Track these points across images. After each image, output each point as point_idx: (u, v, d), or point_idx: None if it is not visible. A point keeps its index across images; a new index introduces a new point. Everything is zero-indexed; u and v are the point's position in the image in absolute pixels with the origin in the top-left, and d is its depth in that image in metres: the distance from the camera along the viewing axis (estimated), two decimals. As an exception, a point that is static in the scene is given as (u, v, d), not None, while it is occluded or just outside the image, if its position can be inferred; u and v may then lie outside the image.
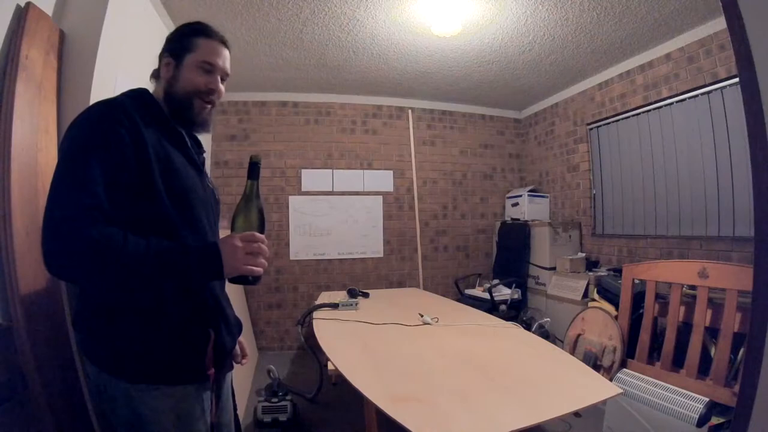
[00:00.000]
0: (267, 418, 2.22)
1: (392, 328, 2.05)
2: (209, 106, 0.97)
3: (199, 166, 1.00)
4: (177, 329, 0.86)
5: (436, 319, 2.15)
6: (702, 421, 1.80)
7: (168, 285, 0.83)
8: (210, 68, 0.95)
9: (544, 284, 3.52)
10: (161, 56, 0.96)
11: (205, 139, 3.80)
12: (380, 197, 4.10)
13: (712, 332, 2.14)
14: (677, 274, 2.28)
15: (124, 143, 0.80)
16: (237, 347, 1.13)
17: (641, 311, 2.48)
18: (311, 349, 2.89)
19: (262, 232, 0.88)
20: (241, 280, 0.85)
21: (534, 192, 4.10)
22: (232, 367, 1.10)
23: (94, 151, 0.78)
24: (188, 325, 0.88)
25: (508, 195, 4.35)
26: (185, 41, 0.94)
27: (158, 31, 2.36)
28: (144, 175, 0.82)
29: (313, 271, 3.92)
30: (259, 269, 0.84)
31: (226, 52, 0.99)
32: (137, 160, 0.82)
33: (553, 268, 3.48)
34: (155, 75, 0.98)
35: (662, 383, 2.05)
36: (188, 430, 0.89)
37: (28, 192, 1.26)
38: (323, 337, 1.91)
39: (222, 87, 0.99)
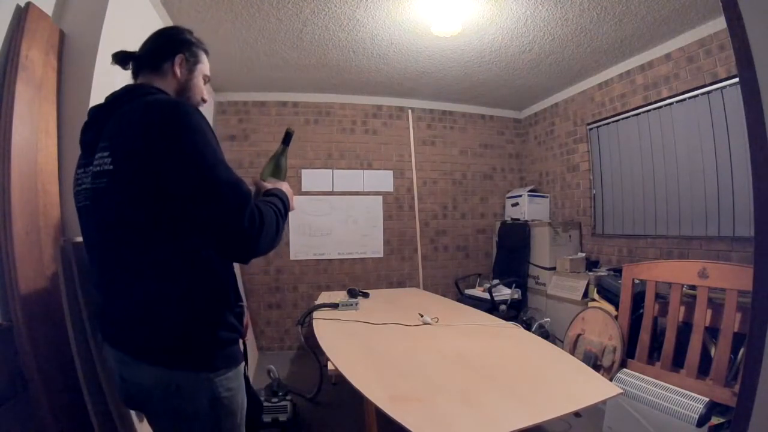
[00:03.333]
0: (267, 418, 2.22)
1: (392, 328, 2.05)
2: None
3: None
4: (232, 306, 0.92)
5: (436, 319, 2.15)
6: (702, 421, 1.80)
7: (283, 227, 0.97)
8: (206, 80, 1.08)
9: (544, 284, 3.52)
10: (170, 52, 0.98)
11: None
12: (380, 197, 4.10)
13: (712, 332, 2.14)
14: (677, 274, 2.28)
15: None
16: None
17: (641, 311, 2.48)
18: (311, 349, 2.89)
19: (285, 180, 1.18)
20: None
21: (534, 192, 4.10)
22: None
23: (213, 141, 0.85)
24: (234, 301, 0.94)
25: (508, 195, 4.35)
26: (198, 52, 1.04)
27: (158, 31, 2.36)
28: None
29: (313, 271, 3.92)
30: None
31: None
32: None
33: (553, 268, 3.48)
34: (152, 68, 0.97)
35: (662, 383, 2.05)
36: (239, 404, 0.94)
37: (28, 192, 1.26)
38: (323, 337, 1.91)
39: None
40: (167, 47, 0.99)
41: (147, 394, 0.86)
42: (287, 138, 1.23)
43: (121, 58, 0.99)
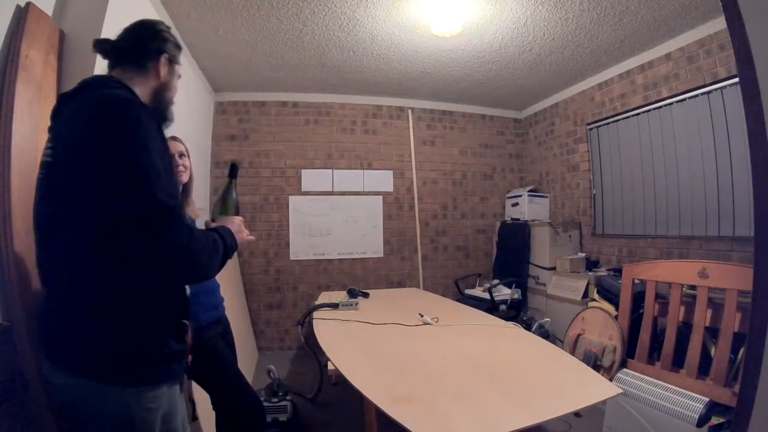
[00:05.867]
0: (267, 418, 2.22)
1: (392, 328, 2.05)
2: None
3: None
4: (165, 324, 0.89)
5: (436, 319, 2.15)
6: (702, 421, 1.80)
7: (222, 264, 0.92)
8: (178, 79, 1.06)
9: (544, 284, 3.52)
10: (155, 50, 0.96)
11: (205, 138, 3.77)
12: (380, 197, 4.10)
13: (712, 332, 2.13)
14: (677, 274, 2.28)
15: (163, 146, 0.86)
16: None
17: (641, 311, 2.48)
18: (311, 349, 2.89)
19: (238, 215, 1.13)
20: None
21: (534, 192, 4.10)
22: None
23: (158, 153, 0.81)
24: (173, 319, 0.91)
25: (508, 195, 4.35)
26: (178, 51, 1.04)
27: (158, 31, 2.35)
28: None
29: (313, 271, 3.92)
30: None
31: None
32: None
33: (553, 268, 3.48)
34: (137, 65, 0.94)
35: (662, 383, 2.05)
36: (169, 427, 0.90)
37: (28, 192, 1.26)
38: (323, 337, 1.91)
39: None
40: (152, 45, 0.96)
41: (64, 399, 0.84)
42: (233, 171, 1.20)
43: (103, 48, 0.96)
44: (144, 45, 0.96)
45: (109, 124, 0.77)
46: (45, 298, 0.86)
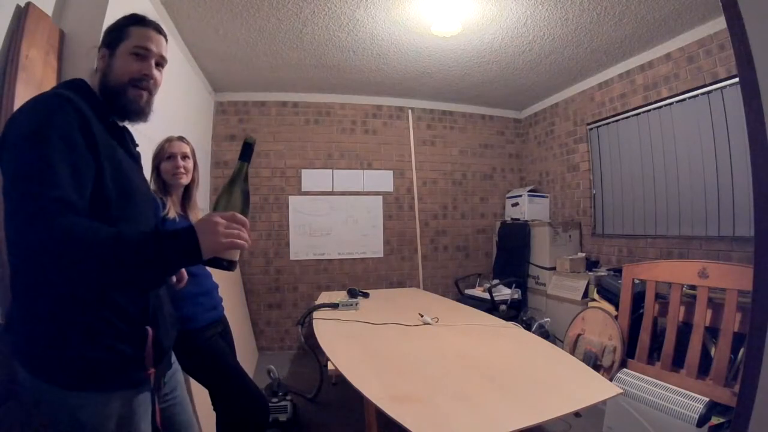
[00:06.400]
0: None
1: (392, 328, 2.05)
2: (145, 93, 0.93)
3: (137, 160, 1.01)
4: (116, 328, 0.83)
5: (436, 319, 2.15)
6: (702, 421, 1.80)
7: (145, 274, 0.75)
8: (144, 53, 0.91)
9: (544, 284, 3.52)
10: (98, 50, 0.93)
11: (205, 138, 3.76)
12: (380, 197, 4.10)
13: (712, 332, 2.14)
14: (677, 274, 2.28)
15: (78, 140, 0.77)
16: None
17: (641, 311, 2.48)
18: (311, 349, 2.89)
19: (245, 215, 0.83)
20: (216, 263, 0.79)
21: (534, 192, 4.10)
22: (170, 366, 1.08)
23: (54, 145, 0.74)
24: (127, 323, 0.85)
25: (508, 195, 4.35)
26: (119, 31, 0.92)
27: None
28: (96, 175, 0.80)
29: (313, 271, 3.92)
30: (236, 252, 0.81)
31: (161, 39, 0.96)
32: (97, 163, 0.80)
33: (553, 268, 3.48)
34: (95, 69, 0.94)
35: (662, 383, 2.05)
36: None
37: (28, 192, 1.26)
38: (323, 337, 1.91)
39: (157, 73, 0.95)
40: (97, 51, 0.94)
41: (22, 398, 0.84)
42: (246, 151, 0.88)
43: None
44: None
45: (14, 123, 0.77)
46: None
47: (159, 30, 0.96)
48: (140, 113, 0.94)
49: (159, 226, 1.30)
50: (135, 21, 0.93)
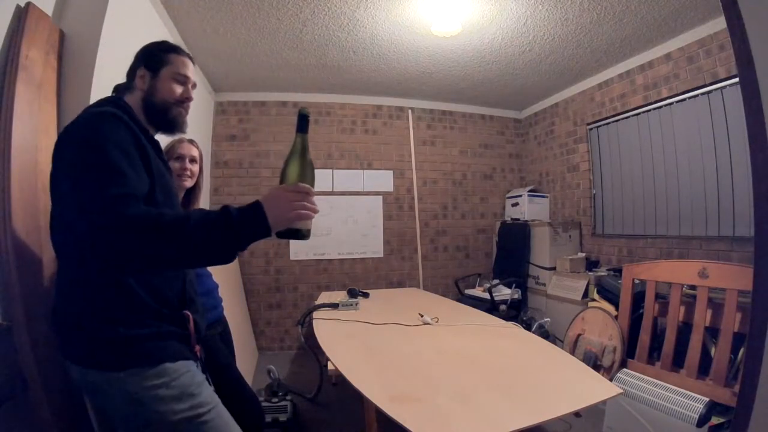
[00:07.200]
0: (267, 418, 2.21)
1: (392, 328, 2.05)
2: (184, 111, 1.09)
3: (168, 167, 1.11)
4: (161, 313, 0.93)
5: (436, 319, 2.15)
6: (702, 421, 1.80)
7: (215, 249, 0.79)
8: (183, 79, 1.08)
9: (544, 284, 3.52)
10: (134, 70, 1.06)
11: (205, 139, 3.77)
12: (380, 197, 4.10)
13: (712, 332, 2.14)
14: (677, 274, 2.28)
15: (133, 154, 0.87)
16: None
17: (641, 311, 2.48)
18: (311, 349, 2.89)
19: (311, 185, 0.87)
20: (290, 234, 0.83)
21: (534, 192, 4.10)
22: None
23: (116, 153, 0.82)
24: (170, 308, 0.95)
25: (508, 195, 4.35)
26: (160, 56, 1.06)
27: (158, 31, 2.36)
28: (150, 189, 0.90)
29: (313, 271, 3.92)
30: (309, 222, 0.85)
31: (191, 64, 1.12)
32: (148, 174, 0.91)
33: (553, 268, 3.48)
34: (126, 87, 1.06)
35: (662, 383, 2.05)
36: (194, 402, 0.91)
37: (28, 192, 1.26)
38: (323, 337, 1.91)
39: (192, 94, 1.12)
40: (133, 66, 1.07)
41: (79, 391, 0.92)
42: (302, 122, 0.94)
43: (119, 89, 1.09)
44: (129, 70, 1.07)
45: (74, 136, 0.86)
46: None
47: (191, 57, 1.14)
48: (181, 126, 1.10)
49: None
50: (172, 49, 1.08)
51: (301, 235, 0.85)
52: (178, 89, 1.06)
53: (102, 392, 0.88)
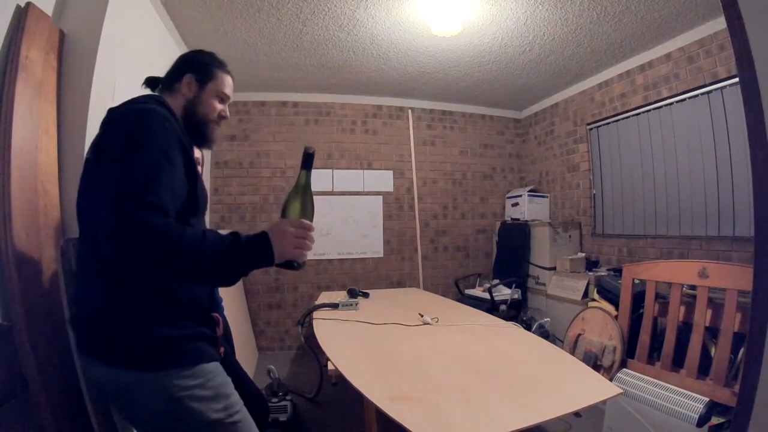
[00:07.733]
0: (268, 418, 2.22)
1: (392, 328, 2.05)
2: (218, 127, 1.12)
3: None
4: (194, 315, 0.95)
5: (436, 319, 2.15)
6: (702, 421, 1.80)
7: (222, 272, 0.83)
8: (225, 98, 1.11)
9: (544, 284, 3.52)
10: (181, 73, 1.06)
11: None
12: (380, 197, 4.10)
13: (712, 332, 2.14)
14: (677, 274, 2.28)
15: (176, 155, 0.88)
16: None
17: (641, 311, 2.48)
18: (311, 349, 2.89)
19: (310, 220, 0.93)
20: (287, 265, 0.89)
21: (534, 192, 4.10)
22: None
23: (158, 155, 0.83)
24: (201, 311, 0.98)
25: (508, 195, 4.35)
26: (210, 70, 1.08)
27: (158, 31, 2.36)
28: (190, 190, 0.92)
29: (313, 271, 3.91)
30: (306, 254, 0.90)
31: (233, 85, 1.15)
32: (187, 175, 0.92)
33: (553, 268, 3.48)
34: (166, 87, 1.07)
35: (662, 383, 2.05)
36: (227, 402, 0.93)
37: (28, 192, 1.26)
38: (323, 337, 1.91)
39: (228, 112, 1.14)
40: (180, 69, 1.07)
41: (105, 393, 0.91)
42: (307, 160, 0.95)
43: (151, 82, 1.12)
44: (173, 70, 1.08)
45: (121, 129, 0.86)
46: (76, 291, 0.97)
47: (233, 76, 1.15)
48: (213, 143, 1.12)
49: None
50: (220, 65, 1.11)
51: (297, 266, 0.91)
52: (219, 107, 1.09)
53: (133, 392, 0.87)
